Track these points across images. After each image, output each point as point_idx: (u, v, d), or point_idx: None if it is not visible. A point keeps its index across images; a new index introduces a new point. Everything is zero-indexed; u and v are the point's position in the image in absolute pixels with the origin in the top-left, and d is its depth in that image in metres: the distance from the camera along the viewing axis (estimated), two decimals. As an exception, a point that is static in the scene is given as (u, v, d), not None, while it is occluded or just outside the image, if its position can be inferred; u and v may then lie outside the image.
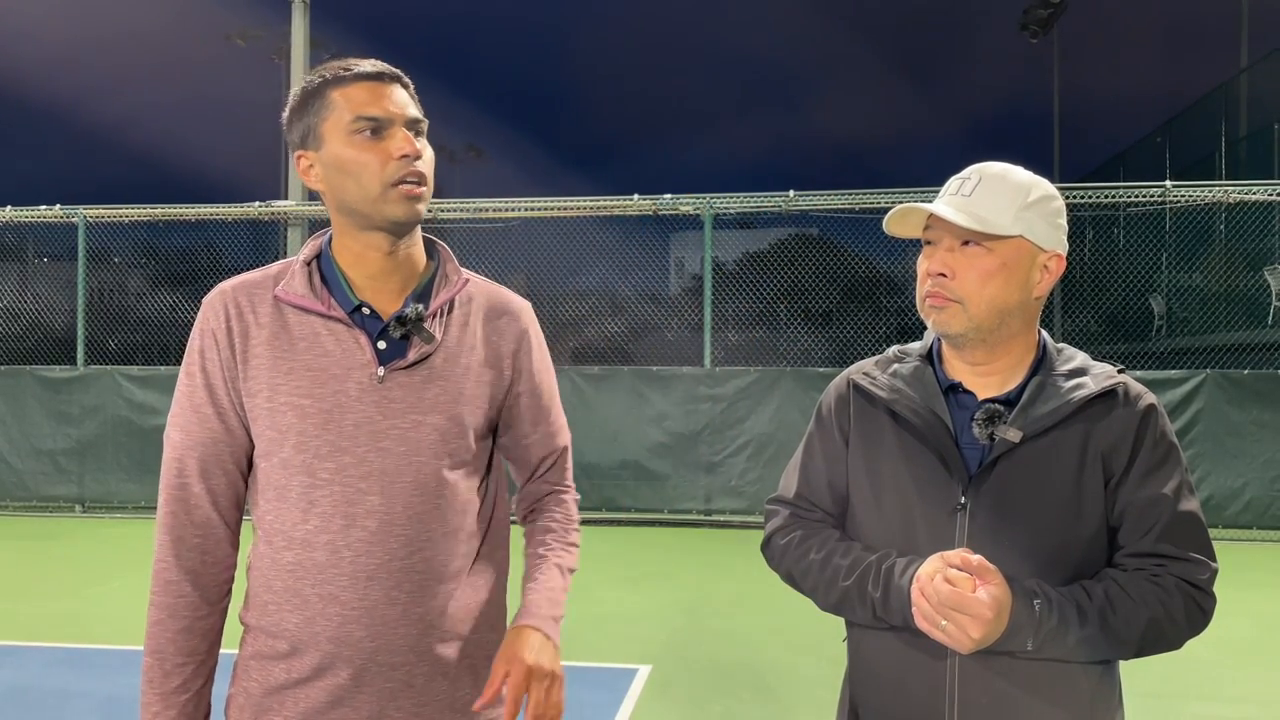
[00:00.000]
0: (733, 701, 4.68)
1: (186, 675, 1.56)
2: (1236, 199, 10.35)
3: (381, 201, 1.52)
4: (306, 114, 1.56)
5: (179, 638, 1.56)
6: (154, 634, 1.56)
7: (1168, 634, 1.50)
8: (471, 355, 1.62)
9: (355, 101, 1.52)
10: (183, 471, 1.57)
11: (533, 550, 1.73)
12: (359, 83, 1.53)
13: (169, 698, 1.55)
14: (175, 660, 1.55)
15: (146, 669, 1.56)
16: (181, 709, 1.55)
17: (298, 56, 14.82)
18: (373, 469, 1.52)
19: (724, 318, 11.34)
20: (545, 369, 1.75)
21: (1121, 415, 1.55)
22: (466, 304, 1.66)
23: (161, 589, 1.56)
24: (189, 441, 1.57)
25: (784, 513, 1.76)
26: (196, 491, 1.57)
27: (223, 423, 1.56)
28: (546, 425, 1.75)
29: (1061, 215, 1.61)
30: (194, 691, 1.57)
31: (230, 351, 1.55)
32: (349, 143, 1.52)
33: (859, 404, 1.69)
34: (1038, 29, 23.10)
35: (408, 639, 1.54)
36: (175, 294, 13.69)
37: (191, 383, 1.57)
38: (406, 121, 1.54)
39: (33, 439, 10.63)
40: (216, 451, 1.57)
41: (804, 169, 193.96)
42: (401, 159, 1.52)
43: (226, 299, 1.58)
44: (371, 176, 1.51)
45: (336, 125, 1.53)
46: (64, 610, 6.31)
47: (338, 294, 1.57)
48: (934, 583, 1.44)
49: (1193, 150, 18.12)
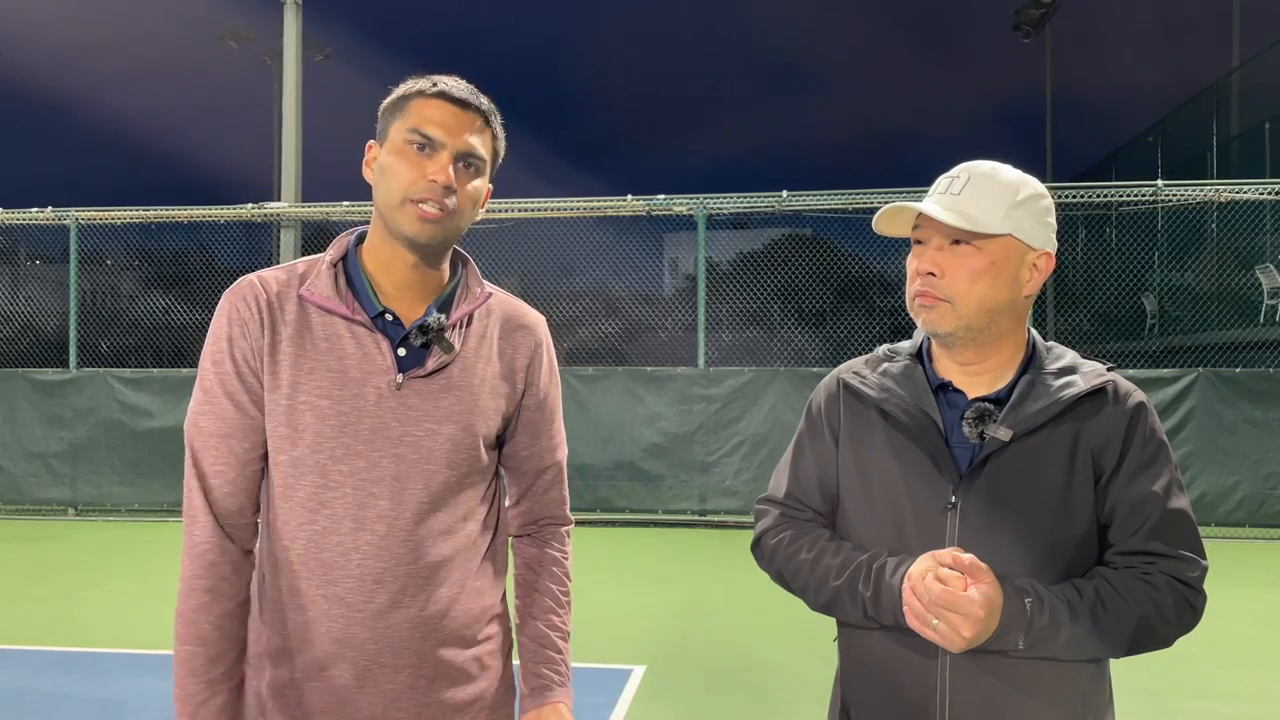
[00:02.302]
0: (727, 701, 4.68)
1: (231, 661, 1.54)
2: (1228, 198, 10.38)
3: (398, 212, 1.54)
4: (391, 112, 1.58)
5: (223, 621, 1.53)
6: (195, 620, 1.52)
7: (1158, 632, 1.50)
8: (487, 368, 1.63)
9: (422, 115, 1.54)
10: (220, 458, 1.55)
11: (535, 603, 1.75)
12: (438, 100, 1.55)
13: (216, 684, 1.52)
14: (221, 645, 1.53)
15: (187, 657, 1.52)
16: (229, 697, 1.54)
17: (290, 58, 14.78)
18: (385, 474, 1.53)
19: (718, 318, 11.34)
20: (553, 384, 1.76)
21: (1111, 413, 1.56)
22: (485, 317, 1.67)
23: (204, 571, 1.53)
24: (225, 429, 1.55)
25: (774, 512, 1.76)
26: (232, 477, 1.56)
27: (251, 410, 1.56)
28: (547, 439, 1.76)
29: (1050, 214, 1.62)
30: (238, 680, 1.56)
31: (261, 341, 1.55)
32: (398, 149, 1.54)
33: (849, 403, 1.69)
34: (1030, 29, 23.14)
35: (410, 641, 1.54)
36: (168, 296, 13.67)
37: (221, 370, 1.55)
38: (459, 152, 1.55)
39: (25, 442, 10.61)
40: (252, 439, 1.56)
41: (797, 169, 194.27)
42: (431, 182, 1.53)
43: (257, 290, 1.58)
44: (398, 186, 1.53)
45: (399, 130, 1.55)
46: (57, 613, 6.29)
47: (363, 298, 1.58)
48: (925, 582, 1.44)
49: (1184, 149, 18.18)
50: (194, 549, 1.54)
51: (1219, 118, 17.07)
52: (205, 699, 1.52)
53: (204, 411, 1.56)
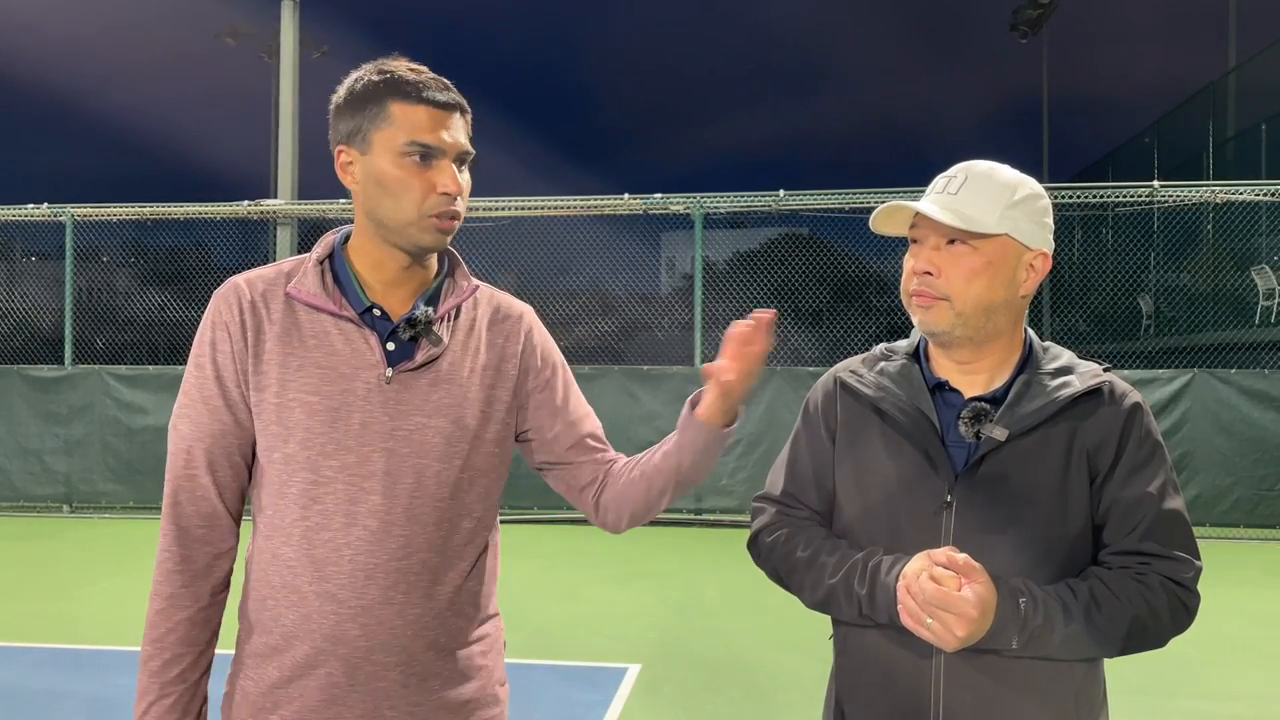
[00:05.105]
0: (722, 700, 4.68)
1: (185, 665, 1.56)
2: (1224, 199, 10.40)
3: (415, 228, 1.54)
4: (360, 113, 1.54)
5: (180, 627, 1.56)
6: (155, 622, 1.56)
7: (1152, 632, 1.50)
8: (476, 360, 1.63)
9: (414, 124, 1.51)
10: (190, 463, 1.57)
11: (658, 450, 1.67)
12: (425, 106, 1.52)
13: (167, 686, 1.55)
14: (176, 649, 1.55)
15: (146, 657, 1.56)
16: (178, 698, 1.55)
17: (287, 54, 14.77)
18: (376, 469, 1.53)
19: (715, 317, 11.34)
20: (554, 361, 1.74)
21: (1107, 414, 1.56)
22: (473, 310, 1.67)
23: (165, 578, 1.57)
24: (197, 433, 1.57)
25: (770, 510, 1.76)
26: (204, 483, 1.57)
27: (232, 415, 1.56)
28: (571, 411, 1.73)
29: (1047, 214, 1.62)
30: (191, 682, 1.57)
31: (243, 344, 1.55)
32: (397, 163, 1.52)
33: (846, 402, 1.70)
34: (1027, 29, 23.17)
35: (402, 639, 1.54)
36: (164, 293, 13.65)
37: (201, 374, 1.57)
38: (457, 155, 1.55)
39: (20, 438, 10.58)
40: (224, 443, 1.57)
41: (794, 168, 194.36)
42: (444, 195, 1.53)
43: (240, 292, 1.58)
44: (411, 203, 1.52)
45: (389, 141, 1.52)
46: (51, 611, 6.28)
47: (350, 294, 1.58)
48: (920, 581, 1.44)
49: (1181, 150, 18.21)
50: (158, 555, 1.59)
51: (1215, 118, 17.09)
52: (156, 698, 1.55)
53: (181, 415, 1.59)
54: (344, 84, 1.58)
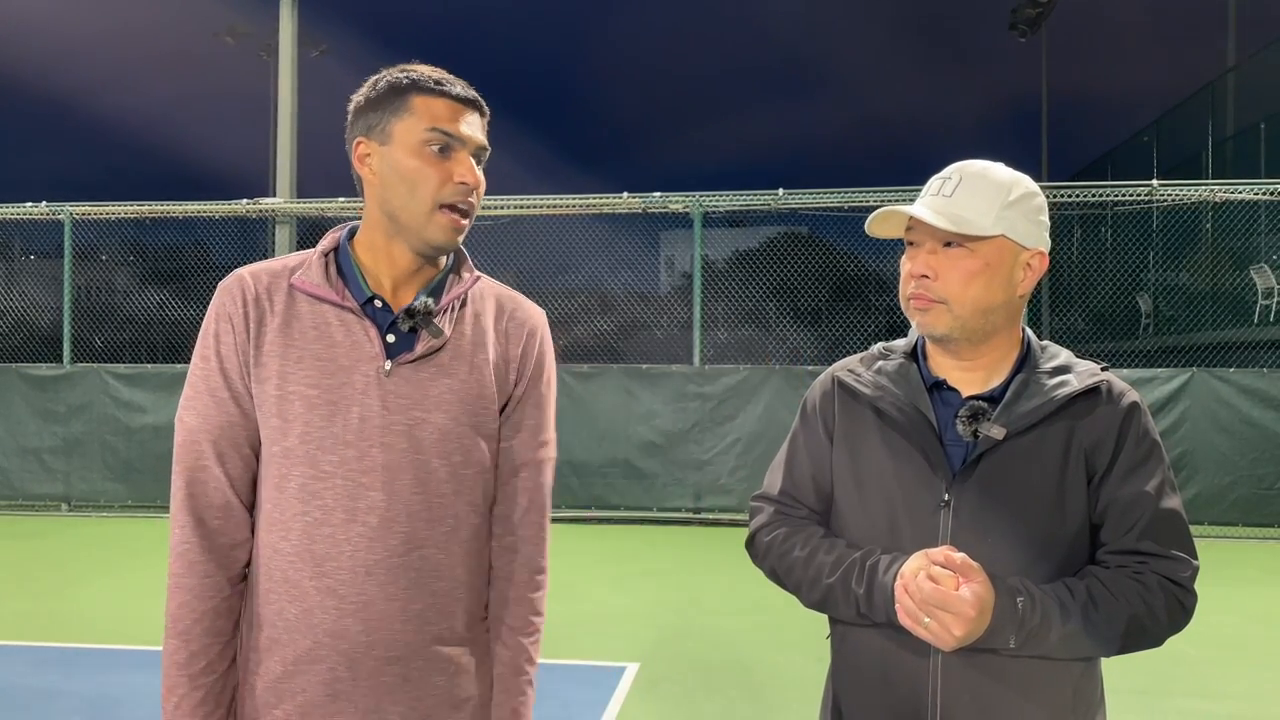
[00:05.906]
0: (720, 699, 4.68)
1: (213, 656, 1.56)
2: (1223, 198, 10.41)
3: (428, 221, 1.54)
4: (383, 107, 1.56)
5: (205, 619, 1.55)
6: (179, 616, 1.55)
7: (1150, 631, 1.50)
8: (479, 354, 1.62)
9: (435, 114, 1.53)
10: (200, 456, 1.56)
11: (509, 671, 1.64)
12: (445, 99, 1.54)
13: (196, 679, 1.54)
14: (202, 641, 1.55)
15: (172, 651, 1.55)
16: (209, 690, 1.55)
17: (286, 53, 14.76)
18: (375, 464, 1.53)
19: (713, 316, 11.35)
20: (546, 380, 1.71)
21: (1105, 413, 1.56)
22: (479, 303, 1.66)
23: (186, 570, 1.55)
24: (205, 425, 1.56)
25: (768, 509, 1.76)
26: (215, 475, 1.56)
27: (238, 406, 1.56)
28: (531, 433, 1.67)
29: (1043, 212, 1.62)
30: (220, 673, 1.57)
31: (245, 336, 1.55)
32: (416, 152, 1.53)
33: (844, 401, 1.70)
34: (1026, 28, 23.16)
35: (404, 634, 1.54)
36: (162, 291, 13.62)
37: (207, 366, 1.57)
38: (475, 149, 1.57)
39: (19, 437, 10.58)
40: (232, 435, 1.57)
41: (793, 167, 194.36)
42: (460, 184, 1.53)
43: (244, 284, 1.58)
44: (427, 192, 1.53)
45: (409, 130, 1.54)
46: (50, 609, 6.28)
47: (352, 285, 1.59)
48: (917, 580, 1.44)
49: (1180, 149, 18.21)
50: (175, 547, 1.56)
51: (1214, 118, 17.10)
52: (187, 692, 1.54)
53: (188, 407, 1.58)
54: (364, 86, 1.60)
